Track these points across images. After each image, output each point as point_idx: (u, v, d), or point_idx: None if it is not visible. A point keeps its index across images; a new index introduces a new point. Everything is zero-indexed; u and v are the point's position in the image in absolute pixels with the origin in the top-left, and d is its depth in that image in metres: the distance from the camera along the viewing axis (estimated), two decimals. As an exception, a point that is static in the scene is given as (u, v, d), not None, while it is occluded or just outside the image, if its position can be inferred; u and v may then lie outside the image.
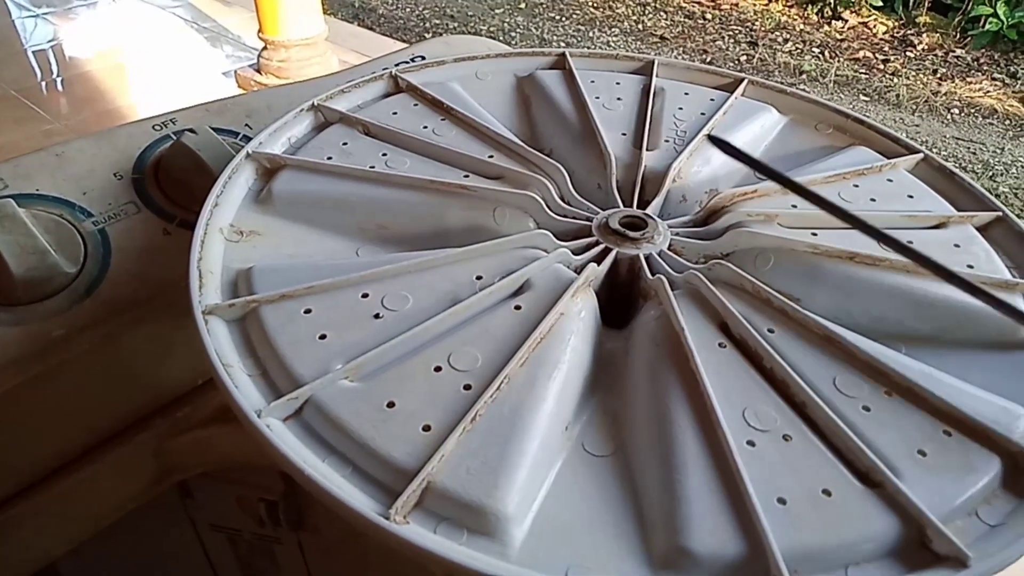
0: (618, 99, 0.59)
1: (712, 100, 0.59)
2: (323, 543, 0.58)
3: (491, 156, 0.51)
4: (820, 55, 3.34)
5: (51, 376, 0.43)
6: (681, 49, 3.38)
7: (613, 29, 3.57)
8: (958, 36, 3.40)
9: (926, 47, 3.38)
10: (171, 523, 0.60)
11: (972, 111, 2.91)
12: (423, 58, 0.68)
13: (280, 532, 0.58)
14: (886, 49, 3.40)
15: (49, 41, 2.72)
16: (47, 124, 2.22)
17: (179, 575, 0.66)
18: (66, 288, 0.45)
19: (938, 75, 3.17)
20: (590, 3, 3.84)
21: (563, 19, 3.66)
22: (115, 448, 0.48)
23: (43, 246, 0.44)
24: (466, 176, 0.49)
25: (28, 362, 0.43)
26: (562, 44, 3.36)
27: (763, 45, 3.42)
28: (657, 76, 0.61)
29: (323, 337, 0.36)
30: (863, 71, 3.21)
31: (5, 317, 0.43)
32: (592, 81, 0.60)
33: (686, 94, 0.60)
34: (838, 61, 3.28)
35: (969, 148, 2.65)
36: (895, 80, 3.12)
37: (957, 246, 0.47)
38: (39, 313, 0.44)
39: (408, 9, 3.68)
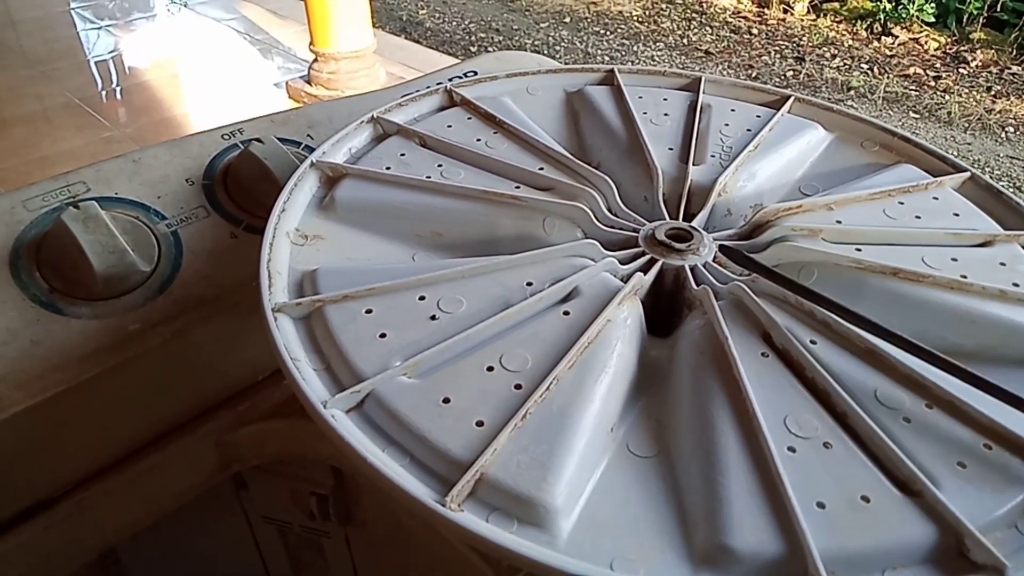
0: (665, 115, 0.60)
1: (758, 117, 0.60)
2: (369, 538, 0.60)
3: (541, 168, 0.53)
4: (869, 71, 3.30)
5: (126, 367, 0.46)
6: (727, 64, 3.37)
7: (658, 43, 3.58)
8: (1014, 52, 3.33)
9: (980, 64, 3.32)
10: (226, 514, 0.63)
11: (1027, 129, 2.84)
12: (475, 73, 0.71)
13: (329, 526, 0.61)
14: (938, 66, 3.34)
15: (110, 52, 2.83)
16: (107, 131, 2.31)
17: (230, 565, 0.69)
18: (141, 285, 0.49)
19: (992, 92, 3.10)
20: (635, 17, 3.86)
21: (608, 33, 3.68)
22: (181, 437, 0.51)
23: (122, 245, 0.48)
24: (517, 187, 0.51)
25: (106, 353, 0.46)
26: (607, 58, 3.38)
27: (810, 61, 3.39)
28: (704, 93, 0.63)
29: (383, 336, 0.39)
30: (913, 88, 3.16)
31: (86, 311, 0.47)
32: (640, 97, 0.62)
33: (732, 110, 0.61)
34: (887, 78, 3.23)
35: None
36: (947, 97, 3.06)
37: (1003, 264, 0.47)
38: (117, 308, 0.47)
39: (454, 23, 3.74)
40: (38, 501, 0.46)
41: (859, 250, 0.46)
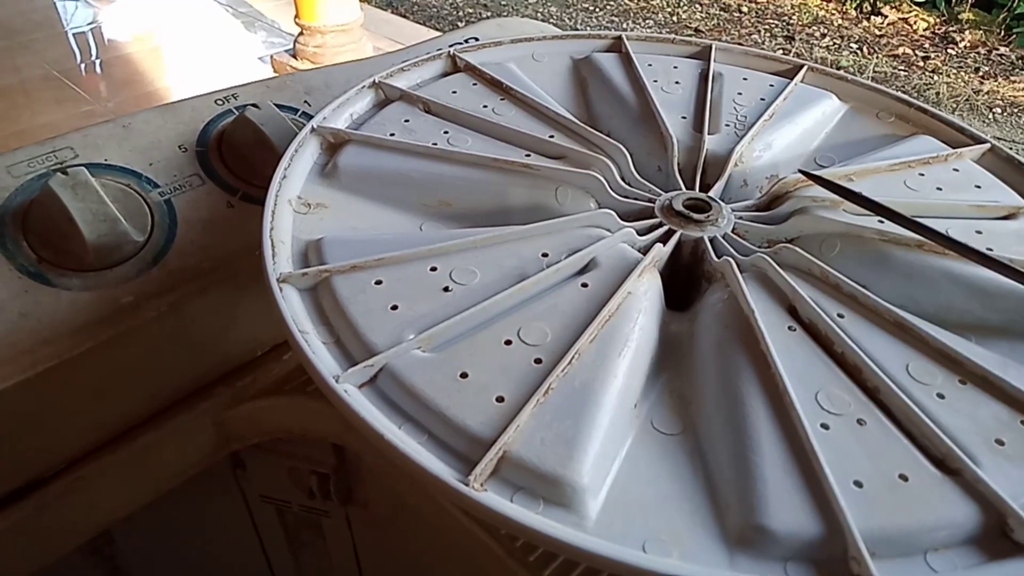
0: (676, 83, 0.58)
1: (771, 86, 0.59)
2: (370, 518, 0.59)
3: (552, 136, 0.51)
4: (858, 51, 3.28)
5: (120, 341, 0.44)
6: (716, 42, 3.34)
7: (647, 21, 3.54)
8: (1002, 34, 3.33)
9: (968, 44, 3.31)
10: (222, 494, 0.61)
11: (1015, 110, 2.85)
12: (476, 39, 0.68)
13: (329, 506, 0.59)
14: (927, 46, 3.33)
15: (89, 23, 2.76)
16: (87, 105, 2.25)
17: (226, 545, 0.67)
18: (134, 256, 0.46)
19: (980, 73, 3.10)
20: (625, -6, 3.81)
21: (597, 10, 3.63)
22: (178, 415, 0.49)
23: (114, 214, 0.45)
24: (527, 155, 0.49)
25: (99, 327, 0.43)
26: (596, 35, 3.33)
27: (800, 40, 3.37)
28: (715, 61, 0.61)
29: (395, 308, 0.37)
30: (902, 68, 3.15)
31: (77, 282, 0.44)
32: (649, 65, 0.60)
33: (744, 79, 0.59)
34: (877, 57, 3.22)
35: (1011, 149, 2.60)
36: (935, 78, 3.06)
37: (1028, 237, 0.46)
38: (109, 280, 0.45)
39: (442, -3, 3.68)
40: (30, 481, 0.44)
41: (882, 221, 0.45)
